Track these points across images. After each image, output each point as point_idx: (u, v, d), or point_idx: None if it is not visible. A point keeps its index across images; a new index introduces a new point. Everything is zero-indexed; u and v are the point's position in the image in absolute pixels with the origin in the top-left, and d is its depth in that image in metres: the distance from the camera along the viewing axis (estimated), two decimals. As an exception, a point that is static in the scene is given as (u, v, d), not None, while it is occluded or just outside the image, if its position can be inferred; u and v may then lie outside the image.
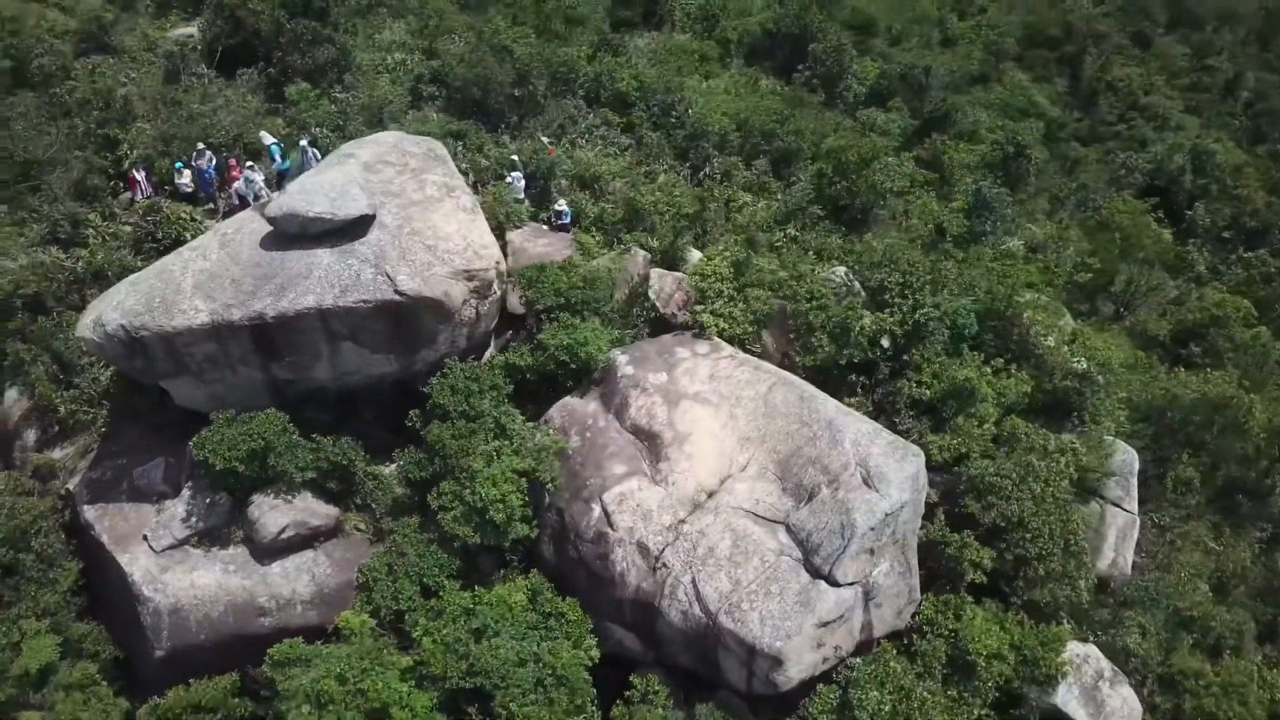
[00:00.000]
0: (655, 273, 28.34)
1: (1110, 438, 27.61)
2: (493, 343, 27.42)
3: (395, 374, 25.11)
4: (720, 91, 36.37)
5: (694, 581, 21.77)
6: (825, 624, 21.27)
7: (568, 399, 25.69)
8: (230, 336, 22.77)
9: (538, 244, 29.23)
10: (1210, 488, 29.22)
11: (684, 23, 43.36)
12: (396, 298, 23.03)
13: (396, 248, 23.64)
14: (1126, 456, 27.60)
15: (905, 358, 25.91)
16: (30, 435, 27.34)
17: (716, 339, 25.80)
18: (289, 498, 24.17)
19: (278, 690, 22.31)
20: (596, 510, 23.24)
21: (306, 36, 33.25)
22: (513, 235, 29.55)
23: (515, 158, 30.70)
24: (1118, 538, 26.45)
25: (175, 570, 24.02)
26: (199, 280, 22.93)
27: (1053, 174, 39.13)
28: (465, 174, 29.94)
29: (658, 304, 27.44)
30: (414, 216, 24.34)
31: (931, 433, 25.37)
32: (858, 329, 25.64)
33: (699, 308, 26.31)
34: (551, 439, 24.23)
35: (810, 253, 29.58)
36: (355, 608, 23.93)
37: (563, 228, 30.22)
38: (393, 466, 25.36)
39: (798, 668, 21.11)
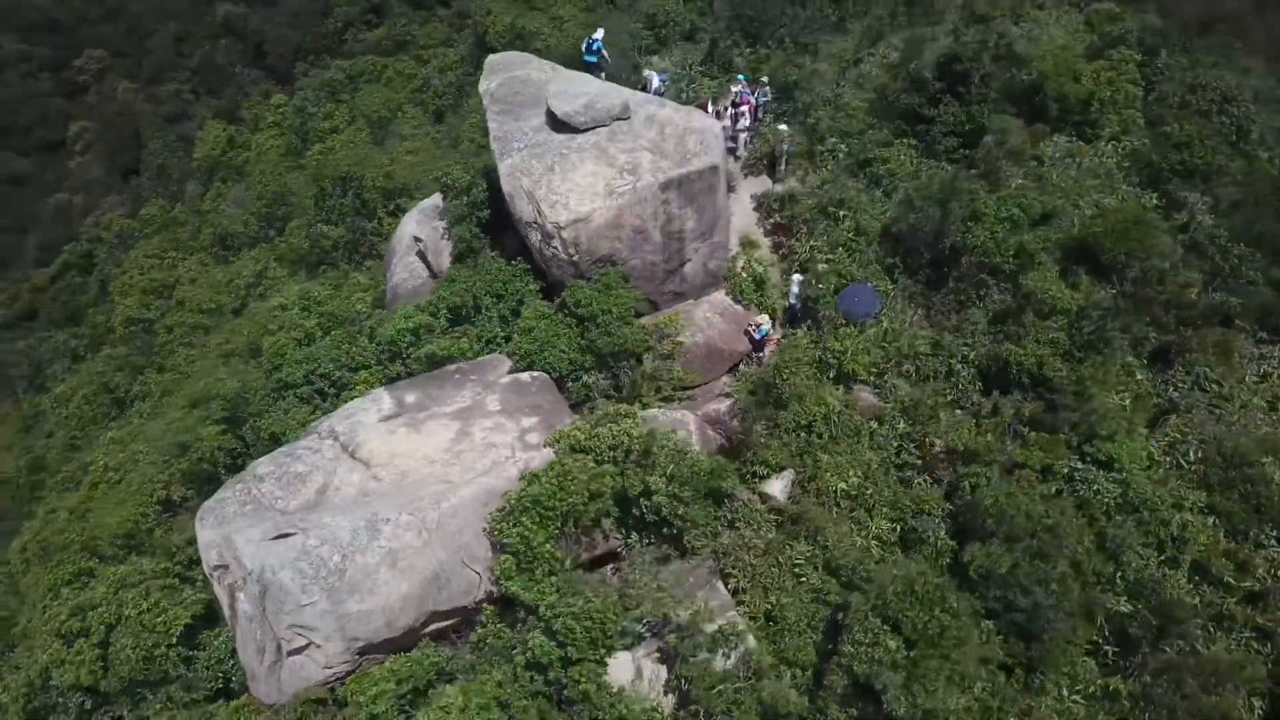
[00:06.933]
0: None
1: None
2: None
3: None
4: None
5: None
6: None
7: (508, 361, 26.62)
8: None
9: (715, 321, 27.28)
10: None
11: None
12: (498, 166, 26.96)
13: (541, 148, 26.60)
14: None
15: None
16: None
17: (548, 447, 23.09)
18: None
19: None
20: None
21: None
22: (722, 298, 28.01)
23: (823, 266, 26.78)
24: None
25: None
26: (514, 81, 29.76)
27: None
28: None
29: None
30: (584, 152, 26.12)
31: None
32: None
33: (581, 426, 23.21)
34: (443, 347, 26.55)
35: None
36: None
37: (754, 341, 26.84)
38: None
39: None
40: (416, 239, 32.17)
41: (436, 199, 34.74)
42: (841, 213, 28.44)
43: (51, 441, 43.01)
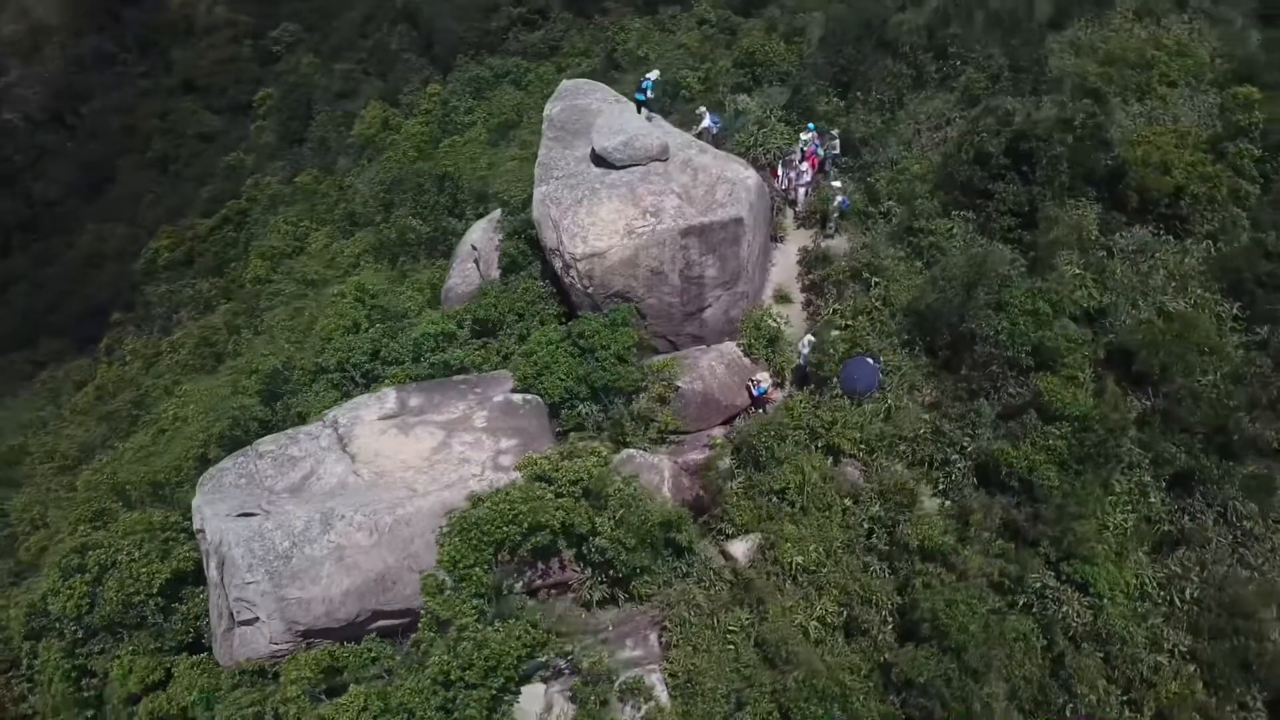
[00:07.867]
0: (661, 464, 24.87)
1: None
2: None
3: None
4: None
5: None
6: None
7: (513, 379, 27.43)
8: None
9: (718, 370, 27.16)
10: None
11: None
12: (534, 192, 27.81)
13: (576, 179, 27.37)
14: None
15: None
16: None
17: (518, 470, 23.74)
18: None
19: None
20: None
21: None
22: (732, 348, 27.96)
23: (835, 333, 26.24)
24: None
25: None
26: (574, 109, 30.71)
27: None
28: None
29: None
30: (614, 189, 26.70)
31: None
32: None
33: (551, 456, 23.71)
34: (457, 357, 27.72)
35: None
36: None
37: (753, 397, 26.63)
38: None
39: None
40: (474, 247, 33.54)
41: (503, 211, 36.13)
42: (874, 279, 27.75)
43: (158, 383, 47.16)
